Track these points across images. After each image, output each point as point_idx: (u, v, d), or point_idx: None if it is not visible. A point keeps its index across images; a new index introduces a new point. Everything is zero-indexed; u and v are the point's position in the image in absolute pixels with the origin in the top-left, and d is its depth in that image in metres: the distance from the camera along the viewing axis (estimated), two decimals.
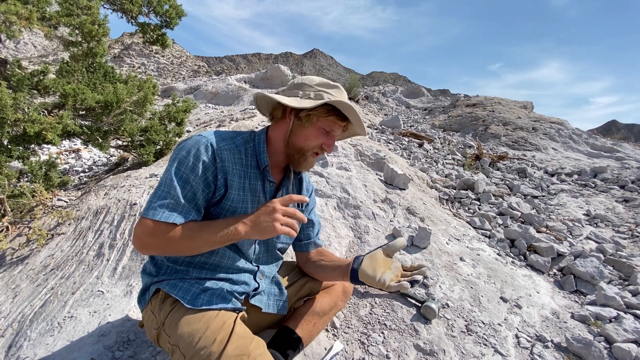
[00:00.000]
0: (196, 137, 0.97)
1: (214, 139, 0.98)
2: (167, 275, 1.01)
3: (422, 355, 1.35)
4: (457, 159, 4.80)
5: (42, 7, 2.79)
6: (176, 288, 0.97)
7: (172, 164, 0.94)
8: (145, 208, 0.90)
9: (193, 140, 0.96)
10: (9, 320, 1.50)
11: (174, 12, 3.65)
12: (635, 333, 1.49)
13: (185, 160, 0.93)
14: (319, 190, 2.57)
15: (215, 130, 1.02)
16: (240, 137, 1.05)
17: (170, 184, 0.91)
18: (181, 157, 0.94)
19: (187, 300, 0.94)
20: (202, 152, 0.94)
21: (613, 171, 4.65)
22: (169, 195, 0.90)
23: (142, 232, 0.88)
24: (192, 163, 0.93)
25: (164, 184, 0.92)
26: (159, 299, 0.99)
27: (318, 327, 1.24)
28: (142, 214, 0.90)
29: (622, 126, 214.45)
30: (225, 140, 1.00)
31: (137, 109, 3.05)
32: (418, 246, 2.06)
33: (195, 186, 0.93)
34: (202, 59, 21.33)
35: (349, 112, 1.01)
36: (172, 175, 0.92)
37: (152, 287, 1.02)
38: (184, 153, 0.94)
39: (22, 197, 2.30)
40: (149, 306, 1.02)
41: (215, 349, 0.82)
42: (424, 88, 13.16)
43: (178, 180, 0.91)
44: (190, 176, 0.93)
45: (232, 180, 0.99)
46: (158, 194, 0.91)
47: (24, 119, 2.26)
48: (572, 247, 2.40)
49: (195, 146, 0.95)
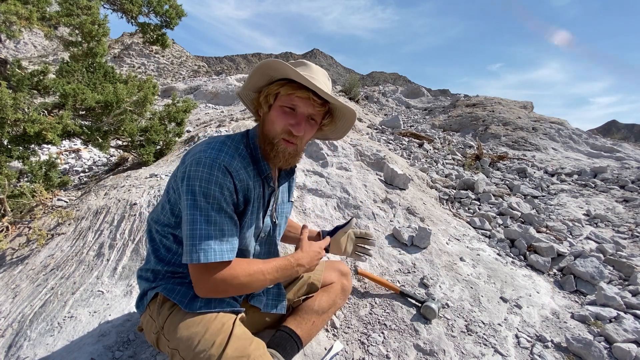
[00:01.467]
0: (204, 160, 0.88)
1: (226, 159, 0.90)
2: (164, 280, 1.01)
3: (422, 355, 1.35)
4: (457, 159, 4.80)
5: (42, 7, 2.79)
6: (174, 292, 0.97)
7: (194, 197, 0.86)
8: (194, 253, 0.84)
9: (204, 166, 0.87)
10: (9, 320, 1.50)
11: (174, 12, 3.65)
12: (635, 333, 1.49)
13: (209, 191, 0.86)
14: (319, 190, 2.57)
15: (216, 145, 0.93)
16: (242, 146, 0.99)
17: (208, 219, 0.86)
18: (203, 190, 0.86)
19: (185, 304, 0.93)
20: (221, 178, 0.88)
21: (613, 171, 4.65)
22: (211, 232, 0.85)
23: (212, 281, 0.86)
24: (218, 192, 0.87)
25: (200, 222, 0.85)
26: (157, 303, 0.99)
27: (317, 326, 1.24)
28: (196, 260, 0.83)
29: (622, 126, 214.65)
30: (235, 158, 0.92)
31: (137, 109, 3.05)
32: (418, 246, 2.06)
33: (231, 212, 0.91)
34: (202, 59, 21.33)
35: (299, 77, 0.88)
36: (202, 209, 0.86)
37: (150, 292, 1.01)
38: (203, 184, 0.86)
39: (22, 197, 2.30)
40: (148, 311, 1.02)
41: (215, 351, 0.82)
42: (424, 88, 13.16)
43: (214, 212, 0.87)
44: (222, 204, 0.89)
45: (250, 197, 0.97)
46: (200, 233, 0.85)
47: (24, 119, 2.26)
48: (572, 247, 2.40)
49: (211, 173, 0.87)
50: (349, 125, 1.10)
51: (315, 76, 0.95)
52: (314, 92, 0.92)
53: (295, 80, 0.92)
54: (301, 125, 0.94)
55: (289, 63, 0.90)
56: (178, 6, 3.70)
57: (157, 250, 1.04)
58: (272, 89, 0.94)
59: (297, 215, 2.27)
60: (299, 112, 0.94)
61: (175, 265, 1.02)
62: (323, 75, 0.99)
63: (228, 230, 0.89)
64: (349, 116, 1.05)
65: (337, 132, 1.15)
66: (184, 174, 0.89)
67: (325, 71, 1.01)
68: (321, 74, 0.98)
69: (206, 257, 0.83)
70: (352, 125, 1.10)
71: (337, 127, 1.12)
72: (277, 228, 1.16)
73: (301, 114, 0.95)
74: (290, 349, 1.11)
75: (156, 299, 1.00)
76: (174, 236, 1.02)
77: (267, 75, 0.96)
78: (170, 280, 1.01)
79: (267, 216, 1.08)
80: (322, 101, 0.95)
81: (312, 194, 2.53)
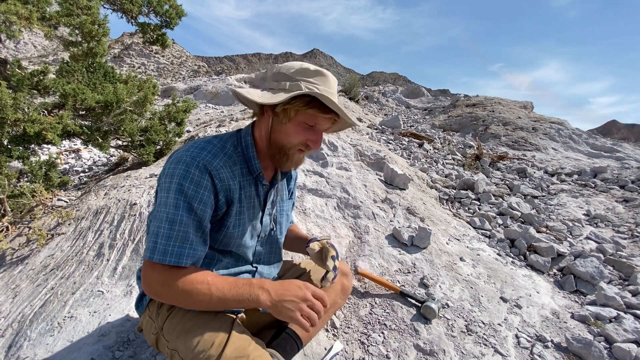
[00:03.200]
0: (184, 158, 0.86)
1: (206, 158, 0.87)
2: None
3: (422, 355, 1.35)
4: (457, 159, 4.80)
5: (42, 7, 2.79)
6: None
7: (167, 194, 0.84)
8: (151, 250, 0.82)
9: (183, 164, 0.85)
10: (9, 320, 1.50)
11: (174, 12, 3.65)
12: (635, 333, 1.49)
13: (183, 188, 0.84)
14: (319, 190, 2.57)
15: (200, 144, 0.91)
16: (229, 144, 0.96)
17: (174, 218, 0.83)
18: (177, 186, 0.84)
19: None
20: (198, 175, 0.85)
21: (613, 171, 4.65)
22: (174, 232, 0.82)
23: (154, 281, 0.83)
24: (192, 190, 0.84)
25: (165, 220, 0.83)
26: (156, 304, 0.99)
27: (317, 326, 1.23)
28: (149, 257, 0.82)
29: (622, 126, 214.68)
30: (217, 157, 0.90)
31: (137, 109, 3.05)
32: (418, 246, 2.06)
33: (201, 214, 0.86)
34: (202, 59, 21.34)
35: (330, 104, 0.88)
36: (172, 207, 0.83)
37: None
38: (178, 180, 0.84)
39: (22, 197, 2.30)
40: (147, 312, 1.02)
41: (214, 351, 0.82)
42: (424, 88, 13.16)
43: (182, 212, 0.83)
44: (194, 204, 0.85)
45: (232, 197, 0.94)
46: (162, 232, 0.82)
47: (24, 119, 2.26)
48: (572, 247, 2.40)
49: (187, 170, 0.84)
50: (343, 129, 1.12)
51: (333, 90, 0.94)
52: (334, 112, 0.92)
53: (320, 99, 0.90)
54: (319, 141, 0.96)
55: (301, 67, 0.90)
56: (178, 6, 3.70)
57: None
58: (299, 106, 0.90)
59: (297, 215, 2.27)
60: (318, 129, 0.95)
61: None
62: (335, 83, 0.98)
63: (192, 234, 0.85)
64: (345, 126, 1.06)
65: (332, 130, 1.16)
66: (163, 171, 0.89)
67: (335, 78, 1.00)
68: (335, 85, 0.98)
69: (161, 259, 0.81)
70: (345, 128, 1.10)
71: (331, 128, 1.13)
72: (278, 227, 1.16)
73: (320, 130, 0.96)
74: (290, 348, 1.11)
75: (155, 300, 1.00)
76: None
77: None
78: None
79: (265, 215, 1.08)
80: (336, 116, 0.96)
81: (312, 194, 2.53)
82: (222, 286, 0.85)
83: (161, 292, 0.84)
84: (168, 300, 0.86)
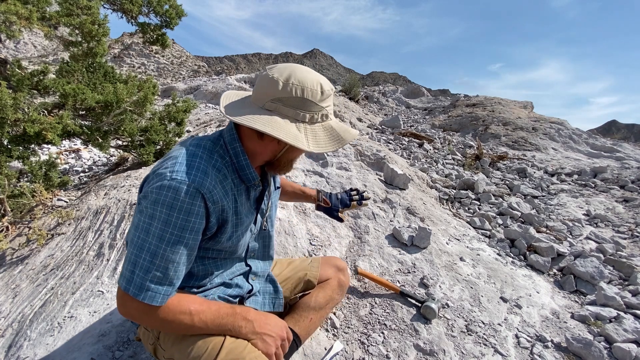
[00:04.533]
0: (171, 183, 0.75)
1: (197, 180, 0.77)
2: None
3: (422, 355, 1.35)
4: (457, 159, 4.80)
5: (42, 7, 2.79)
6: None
7: (150, 221, 0.76)
8: (127, 280, 0.76)
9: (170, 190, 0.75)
10: (9, 320, 1.50)
11: (174, 12, 3.65)
12: (635, 333, 1.49)
13: (171, 219, 0.75)
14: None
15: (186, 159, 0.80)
16: (216, 155, 0.86)
17: (156, 251, 0.75)
18: (164, 216, 0.75)
19: None
20: (188, 203, 0.76)
21: (613, 171, 4.65)
22: (153, 266, 0.75)
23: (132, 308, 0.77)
24: (182, 220, 0.76)
25: (146, 251, 0.75)
26: None
27: (315, 323, 1.23)
28: (124, 288, 0.75)
29: (622, 126, 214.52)
30: (208, 175, 0.80)
31: (137, 109, 3.04)
32: (418, 246, 2.06)
33: (192, 243, 0.80)
34: (202, 59, 21.33)
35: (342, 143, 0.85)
36: (155, 238, 0.75)
37: None
38: (165, 210, 0.75)
39: (22, 197, 2.30)
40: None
41: (208, 357, 0.82)
42: (424, 88, 13.15)
43: (166, 246, 0.76)
44: (184, 235, 0.77)
45: (226, 217, 0.88)
46: (140, 263, 0.75)
47: (24, 119, 2.26)
48: (572, 247, 2.40)
49: (176, 198, 0.75)
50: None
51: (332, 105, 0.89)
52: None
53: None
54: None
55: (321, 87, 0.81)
56: (178, 6, 3.70)
57: None
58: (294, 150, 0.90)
59: (297, 215, 2.27)
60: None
61: None
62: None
63: (173, 269, 0.78)
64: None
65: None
66: (146, 193, 0.78)
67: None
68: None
69: (136, 294, 0.75)
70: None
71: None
72: (270, 221, 1.14)
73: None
74: (289, 347, 1.11)
75: None
76: None
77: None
78: None
79: (259, 215, 1.07)
80: None
81: None
82: (205, 317, 0.83)
83: (141, 320, 0.81)
84: (149, 326, 0.86)
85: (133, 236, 0.78)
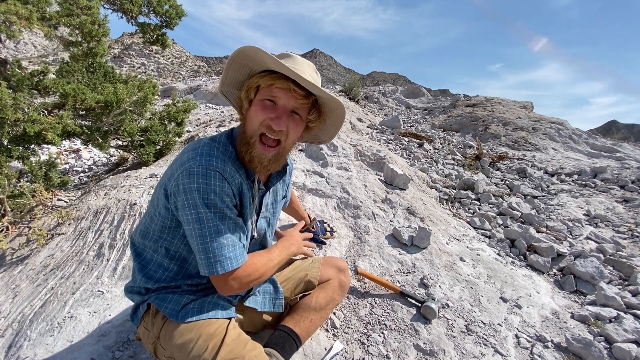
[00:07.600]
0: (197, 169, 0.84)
1: (219, 165, 0.86)
2: (156, 292, 1.00)
3: (422, 355, 1.35)
4: (457, 159, 4.80)
5: (42, 7, 2.79)
6: (165, 301, 0.96)
7: (196, 210, 0.85)
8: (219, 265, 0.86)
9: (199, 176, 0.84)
10: (9, 320, 1.50)
11: (174, 12, 3.65)
12: (635, 333, 1.49)
13: (210, 202, 0.85)
14: (319, 191, 2.57)
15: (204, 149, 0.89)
16: (230, 147, 0.95)
17: (216, 229, 0.86)
18: (202, 202, 0.84)
19: (176, 315, 0.93)
20: (218, 185, 0.86)
21: (613, 171, 4.65)
22: (222, 241, 0.87)
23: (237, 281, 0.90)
24: (218, 201, 0.86)
25: (208, 235, 0.86)
26: (150, 314, 0.99)
27: (316, 323, 1.23)
28: (221, 271, 0.87)
29: (622, 126, 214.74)
30: (226, 163, 0.89)
31: (137, 109, 3.05)
32: (418, 246, 2.06)
33: (235, 217, 0.91)
34: (202, 59, 21.31)
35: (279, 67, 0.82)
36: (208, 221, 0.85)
37: (143, 305, 1.01)
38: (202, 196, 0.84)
39: (22, 197, 2.30)
40: (142, 323, 1.02)
41: (208, 355, 0.83)
42: (424, 88, 13.15)
43: (218, 221, 0.86)
44: (226, 212, 0.88)
45: (244, 201, 0.97)
46: (211, 247, 0.86)
47: (24, 119, 2.26)
48: (572, 247, 2.40)
49: (207, 183, 0.84)
50: (339, 121, 1.03)
51: (299, 67, 0.89)
52: (296, 82, 0.85)
53: (276, 71, 0.86)
54: (282, 119, 0.87)
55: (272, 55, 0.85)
56: (178, 6, 3.71)
57: (144, 268, 1.01)
58: (253, 82, 0.89)
59: None
60: (280, 105, 0.88)
61: (167, 281, 1.00)
62: (308, 67, 0.94)
63: (236, 235, 0.90)
64: (337, 110, 0.98)
65: (328, 132, 1.09)
66: (177, 187, 0.86)
67: (312, 64, 0.95)
68: (306, 66, 0.93)
69: (223, 268, 0.86)
70: (342, 121, 1.02)
71: (327, 125, 1.06)
72: (271, 229, 1.16)
73: (282, 107, 0.88)
74: (289, 347, 1.11)
75: (149, 310, 1.00)
76: (166, 250, 0.99)
77: (246, 67, 0.92)
78: (162, 291, 1.00)
79: (261, 218, 1.08)
80: (305, 92, 0.88)
81: (312, 194, 2.53)
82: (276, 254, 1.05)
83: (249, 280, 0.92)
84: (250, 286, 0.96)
85: (190, 231, 0.87)
